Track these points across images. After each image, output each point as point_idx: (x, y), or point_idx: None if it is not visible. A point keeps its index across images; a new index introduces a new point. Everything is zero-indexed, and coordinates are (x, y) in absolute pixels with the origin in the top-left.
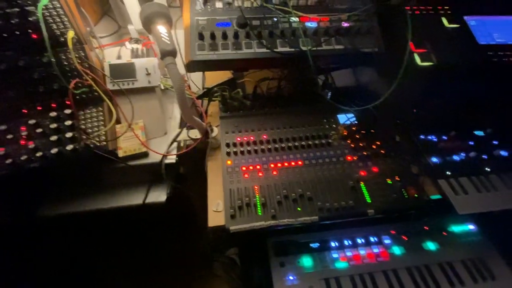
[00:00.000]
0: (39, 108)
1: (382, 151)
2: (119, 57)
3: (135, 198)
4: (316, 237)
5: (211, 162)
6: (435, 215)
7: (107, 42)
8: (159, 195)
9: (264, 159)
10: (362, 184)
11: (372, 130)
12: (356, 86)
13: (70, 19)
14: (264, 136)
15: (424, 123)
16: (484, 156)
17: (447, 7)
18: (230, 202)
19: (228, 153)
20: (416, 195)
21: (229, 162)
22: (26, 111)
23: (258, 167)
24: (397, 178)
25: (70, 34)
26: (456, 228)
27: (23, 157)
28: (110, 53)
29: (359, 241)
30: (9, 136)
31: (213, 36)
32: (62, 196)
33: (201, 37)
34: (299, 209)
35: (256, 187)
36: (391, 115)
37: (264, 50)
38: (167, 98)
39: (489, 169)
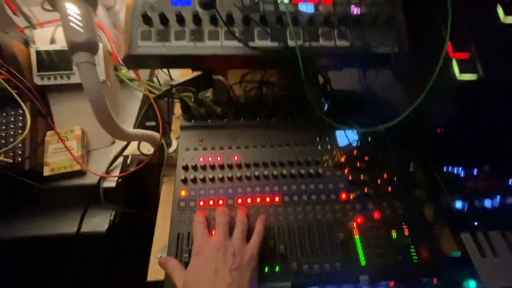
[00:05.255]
0: None
1: (389, 187)
2: (52, 41)
3: (69, 226)
4: None
5: (167, 185)
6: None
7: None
8: (99, 223)
9: (230, 191)
10: (356, 237)
11: (379, 155)
12: (364, 93)
13: None
14: (235, 158)
15: (450, 151)
16: None
17: None
18: (175, 253)
19: (184, 180)
20: (429, 259)
21: (183, 192)
22: None
23: (220, 202)
24: (405, 231)
25: None
26: None
27: None
28: (44, 35)
29: None
30: None
31: (164, 20)
32: None
33: (147, 20)
34: (266, 270)
35: None
36: (406, 136)
37: (235, 43)
38: (125, 93)
39: None
